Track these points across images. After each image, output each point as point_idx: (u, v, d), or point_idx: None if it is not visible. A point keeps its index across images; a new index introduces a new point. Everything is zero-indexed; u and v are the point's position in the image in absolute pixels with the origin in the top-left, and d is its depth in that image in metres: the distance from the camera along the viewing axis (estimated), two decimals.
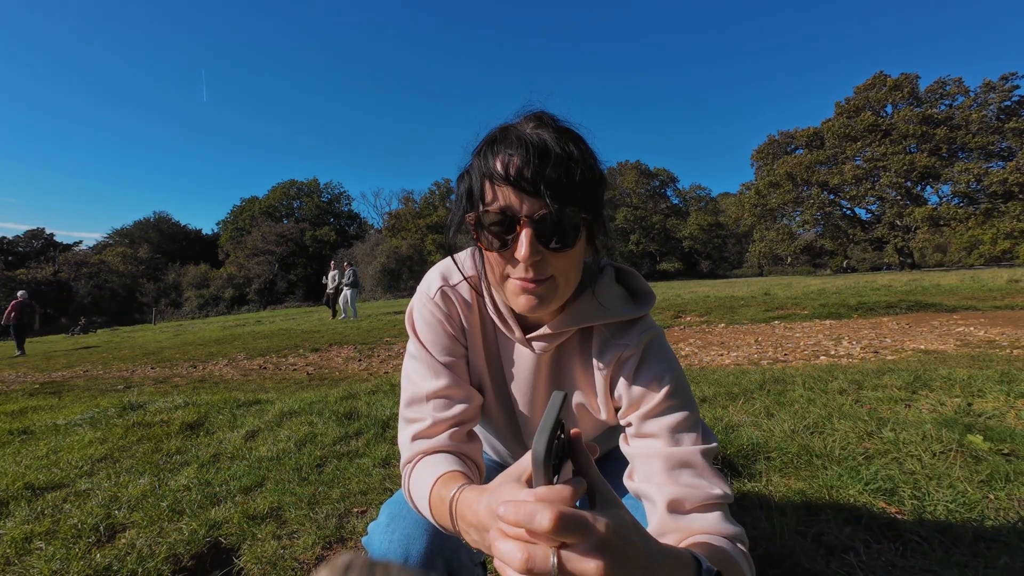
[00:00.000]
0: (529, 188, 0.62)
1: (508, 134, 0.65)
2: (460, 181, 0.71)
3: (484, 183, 0.65)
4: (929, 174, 34.28)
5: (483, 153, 0.66)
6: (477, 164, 0.67)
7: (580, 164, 0.64)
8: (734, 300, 11.08)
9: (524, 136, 0.64)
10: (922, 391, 2.58)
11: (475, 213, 0.66)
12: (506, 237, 0.65)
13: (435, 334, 0.79)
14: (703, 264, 51.84)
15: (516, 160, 0.62)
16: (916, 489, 1.53)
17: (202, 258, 54.33)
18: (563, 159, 0.63)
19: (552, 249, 0.65)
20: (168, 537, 1.55)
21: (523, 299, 0.67)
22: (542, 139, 0.63)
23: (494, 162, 0.64)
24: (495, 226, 0.65)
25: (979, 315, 7.37)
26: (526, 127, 0.67)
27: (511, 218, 0.64)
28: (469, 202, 0.68)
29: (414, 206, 52.38)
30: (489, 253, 0.68)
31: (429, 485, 0.68)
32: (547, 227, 0.63)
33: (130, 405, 3.33)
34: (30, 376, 7.09)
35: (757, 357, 5.11)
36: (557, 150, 0.63)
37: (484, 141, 0.68)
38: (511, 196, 0.63)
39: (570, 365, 0.81)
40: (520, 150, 0.63)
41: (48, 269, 44.74)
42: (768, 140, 42.54)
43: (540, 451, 0.36)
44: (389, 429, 2.56)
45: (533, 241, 0.63)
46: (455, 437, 0.75)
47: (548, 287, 0.67)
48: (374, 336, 9.10)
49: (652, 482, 0.67)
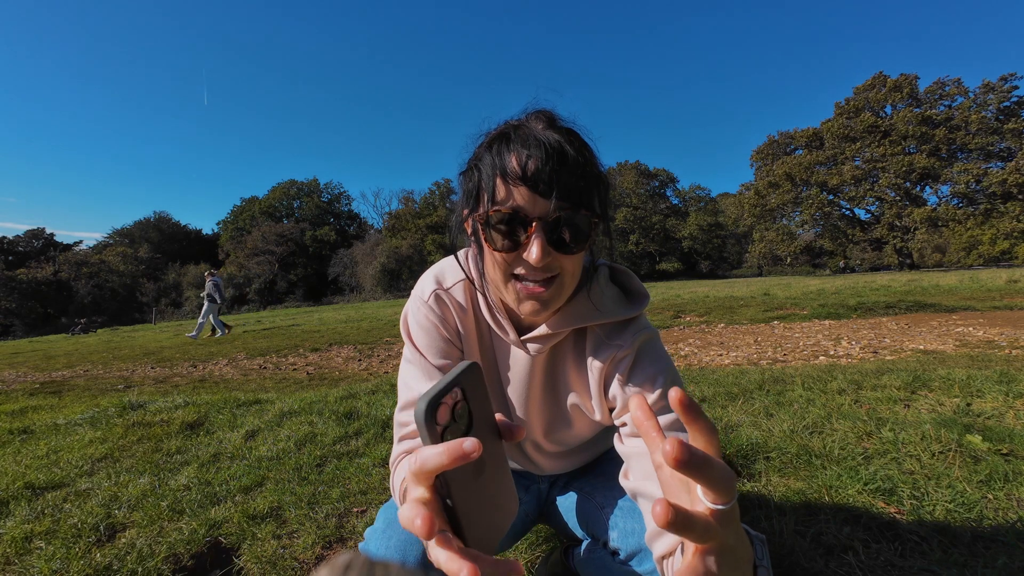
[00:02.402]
0: (545, 191, 0.61)
1: (522, 132, 0.64)
2: (466, 176, 0.69)
3: (497, 180, 0.64)
4: (928, 175, 34.29)
5: (495, 149, 0.65)
6: (488, 160, 0.65)
7: (591, 166, 0.64)
8: (733, 300, 11.08)
9: (539, 136, 0.63)
10: (921, 391, 2.58)
11: (484, 211, 0.65)
12: (516, 237, 0.64)
13: (430, 338, 0.79)
14: (703, 264, 51.84)
15: (534, 161, 0.62)
16: (915, 489, 1.54)
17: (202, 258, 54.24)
18: (579, 163, 0.63)
19: (562, 252, 0.64)
20: (168, 536, 1.56)
21: (528, 304, 0.67)
22: (558, 141, 0.63)
23: (508, 160, 0.63)
24: (505, 226, 0.64)
25: (978, 315, 7.37)
26: (537, 126, 0.66)
27: (523, 219, 0.63)
28: (477, 199, 0.66)
29: (414, 206, 52.33)
30: (495, 253, 0.67)
31: (400, 482, 0.68)
32: (559, 229, 0.63)
33: (130, 405, 3.33)
34: (30, 376, 7.08)
35: (756, 357, 5.11)
36: (572, 153, 0.62)
37: (496, 136, 0.67)
38: (525, 196, 0.62)
39: (564, 366, 0.81)
40: (538, 151, 0.62)
41: (48, 269, 44.64)
42: (768, 140, 42.53)
43: (420, 411, 0.36)
44: (389, 429, 2.56)
45: (544, 243, 0.63)
46: None
47: (553, 290, 0.67)
48: (374, 336, 9.10)
49: (651, 478, 0.67)
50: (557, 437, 0.88)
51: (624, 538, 0.80)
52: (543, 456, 0.93)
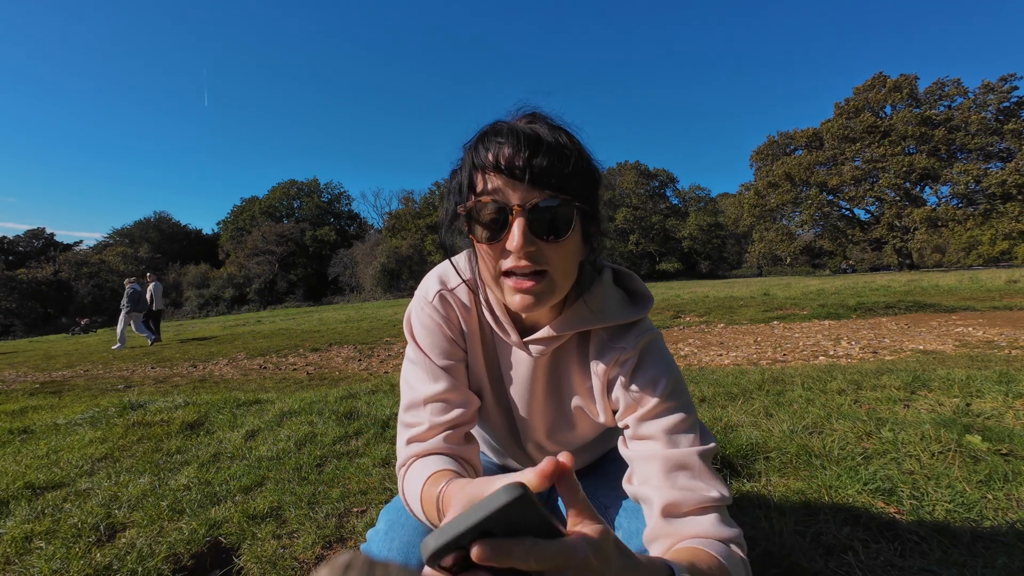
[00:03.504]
0: (520, 176, 0.61)
1: (499, 126, 0.65)
2: (452, 177, 0.70)
3: (475, 174, 0.65)
4: (928, 175, 34.28)
5: (474, 146, 0.65)
6: (467, 157, 0.66)
7: (573, 154, 0.63)
8: (733, 300, 11.09)
9: (515, 127, 0.63)
10: (921, 391, 2.58)
11: (466, 205, 0.65)
12: (498, 228, 0.64)
13: (433, 338, 0.79)
14: (702, 264, 51.83)
15: (507, 149, 0.62)
16: (915, 489, 1.54)
17: (202, 258, 54.23)
18: (555, 148, 0.62)
19: (546, 240, 0.64)
20: (168, 536, 1.56)
21: (519, 297, 0.66)
22: (534, 130, 0.63)
23: (484, 153, 0.63)
24: (487, 216, 0.64)
25: (977, 315, 7.38)
26: (519, 122, 0.66)
27: (503, 207, 0.63)
28: (460, 195, 0.67)
29: (414, 206, 52.29)
30: (481, 246, 0.67)
31: (420, 484, 0.68)
32: (540, 216, 0.62)
33: (130, 404, 3.33)
34: (30, 375, 7.08)
35: (756, 357, 5.11)
36: (549, 139, 0.62)
37: (475, 136, 0.67)
38: (502, 185, 0.62)
39: (567, 368, 0.81)
40: (511, 139, 0.62)
41: (48, 269, 44.64)
42: (767, 141, 42.53)
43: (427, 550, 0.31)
44: (389, 429, 2.56)
45: (526, 230, 0.62)
46: (450, 440, 0.75)
47: (544, 284, 0.66)
48: (374, 336, 9.10)
49: (650, 484, 0.67)
50: (560, 438, 0.88)
51: (628, 539, 0.80)
52: (545, 457, 0.93)
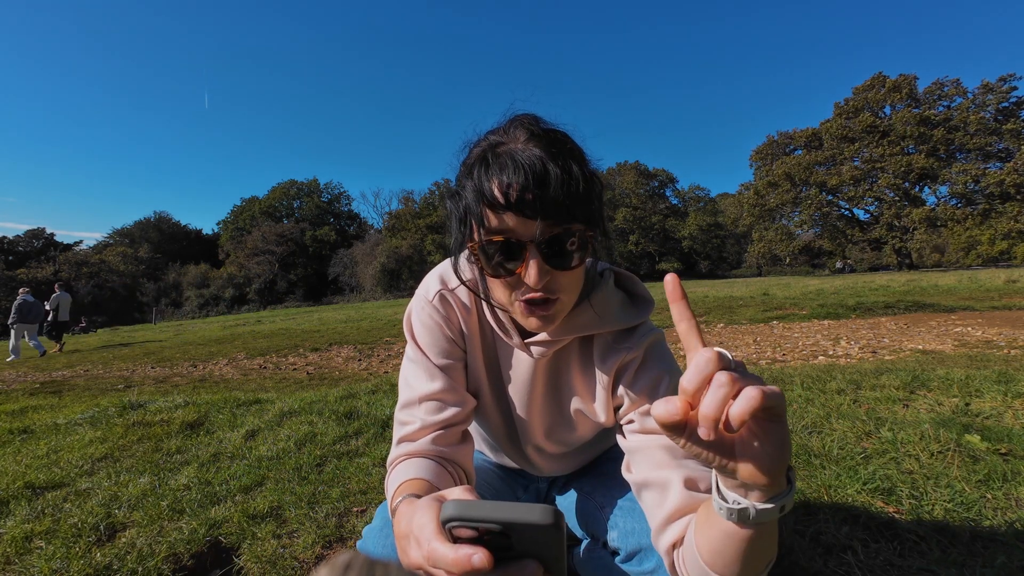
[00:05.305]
0: (532, 214, 0.61)
1: (500, 155, 0.63)
2: (454, 200, 0.68)
3: (483, 209, 0.63)
4: (927, 175, 34.30)
5: (476, 175, 0.63)
6: (471, 187, 0.64)
7: (578, 177, 0.62)
8: (733, 300, 11.09)
9: (518, 157, 0.61)
10: (920, 391, 2.58)
11: (477, 241, 0.64)
12: (512, 263, 0.63)
13: (433, 337, 0.79)
14: (702, 264, 51.86)
15: (515, 186, 0.60)
16: (914, 489, 1.54)
17: (202, 258, 54.27)
18: (563, 179, 0.61)
19: (560, 269, 0.64)
20: (168, 536, 1.56)
21: (533, 320, 0.68)
22: (539, 158, 0.61)
23: (491, 188, 0.62)
24: (499, 253, 0.63)
25: (977, 315, 7.38)
26: (517, 142, 0.64)
27: (515, 244, 0.62)
28: (469, 226, 0.66)
29: (414, 206, 52.28)
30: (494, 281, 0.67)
31: (395, 489, 0.69)
32: (553, 249, 0.63)
33: (130, 404, 3.33)
34: (30, 375, 7.08)
35: (756, 357, 5.12)
36: (556, 170, 0.61)
37: (475, 159, 0.65)
38: (514, 222, 0.62)
39: (568, 370, 0.81)
40: (518, 175, 0.60)
41: (48, 269, 44.62)
42: (767, 141, 42.57)
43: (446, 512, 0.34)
44: (389, 428, 2.56)
45: (541, 264, 0.62)
46: (440, 441, 0.75)
47: (557, 307, 0.67)
48: (374, 336, 9.10)
49: (663, 467, 0.67)
50: (558, 439, 0.88)
51: (624, 538, 0.80)
52: (543, 457, 0.93)
